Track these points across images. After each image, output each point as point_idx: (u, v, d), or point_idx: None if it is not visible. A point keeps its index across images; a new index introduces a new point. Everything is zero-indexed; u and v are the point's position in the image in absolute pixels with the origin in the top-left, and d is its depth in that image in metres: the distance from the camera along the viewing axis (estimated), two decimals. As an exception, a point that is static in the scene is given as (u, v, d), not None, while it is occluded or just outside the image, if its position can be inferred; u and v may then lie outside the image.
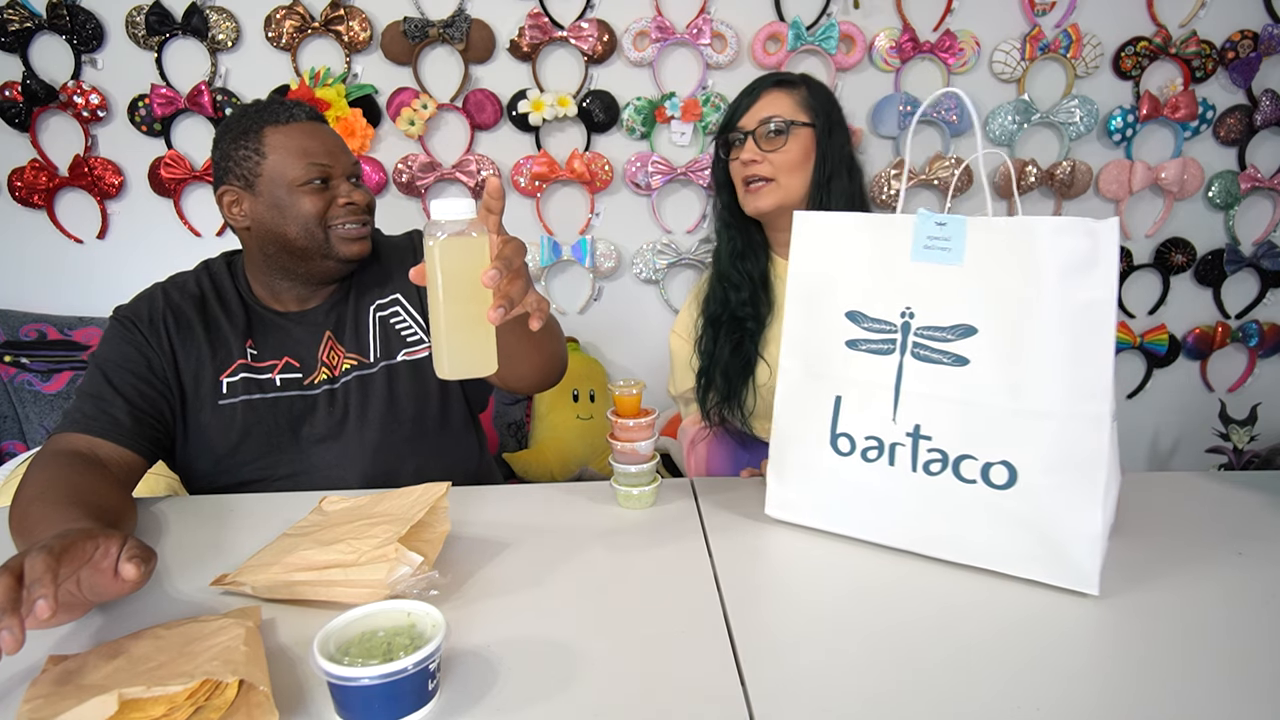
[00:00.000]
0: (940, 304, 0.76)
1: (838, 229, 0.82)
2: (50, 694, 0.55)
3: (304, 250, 1.06)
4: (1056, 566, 0.72)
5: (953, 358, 0.75)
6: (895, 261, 0.78)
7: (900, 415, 0.78)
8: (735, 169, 1.14)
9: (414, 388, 1.12)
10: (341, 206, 1.05)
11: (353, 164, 1.08)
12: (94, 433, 0.95)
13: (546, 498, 0.99)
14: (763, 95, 1.12)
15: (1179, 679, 0.60)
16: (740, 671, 0.62)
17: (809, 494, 0.85)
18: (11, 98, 1.90)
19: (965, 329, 0.75)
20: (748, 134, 1.11)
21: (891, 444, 0.79)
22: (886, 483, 0.80)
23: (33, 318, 1.92)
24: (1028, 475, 0.72)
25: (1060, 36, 2.00)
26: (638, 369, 2.20)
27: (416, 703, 0.56)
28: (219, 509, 0.96)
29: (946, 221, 0.75)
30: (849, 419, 0.81)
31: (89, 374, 1.01)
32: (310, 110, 1.07)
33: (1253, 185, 2.13)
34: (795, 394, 0.86)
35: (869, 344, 0.80)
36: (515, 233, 0.76)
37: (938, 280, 0.76)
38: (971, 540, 0.76)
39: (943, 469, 0.77)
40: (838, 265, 0.82)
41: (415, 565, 0.71)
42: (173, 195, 2.00)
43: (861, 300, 0.80)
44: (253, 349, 1.08)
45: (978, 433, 0.74)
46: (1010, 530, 0.74)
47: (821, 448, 0.83)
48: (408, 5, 1.94)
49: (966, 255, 0.74)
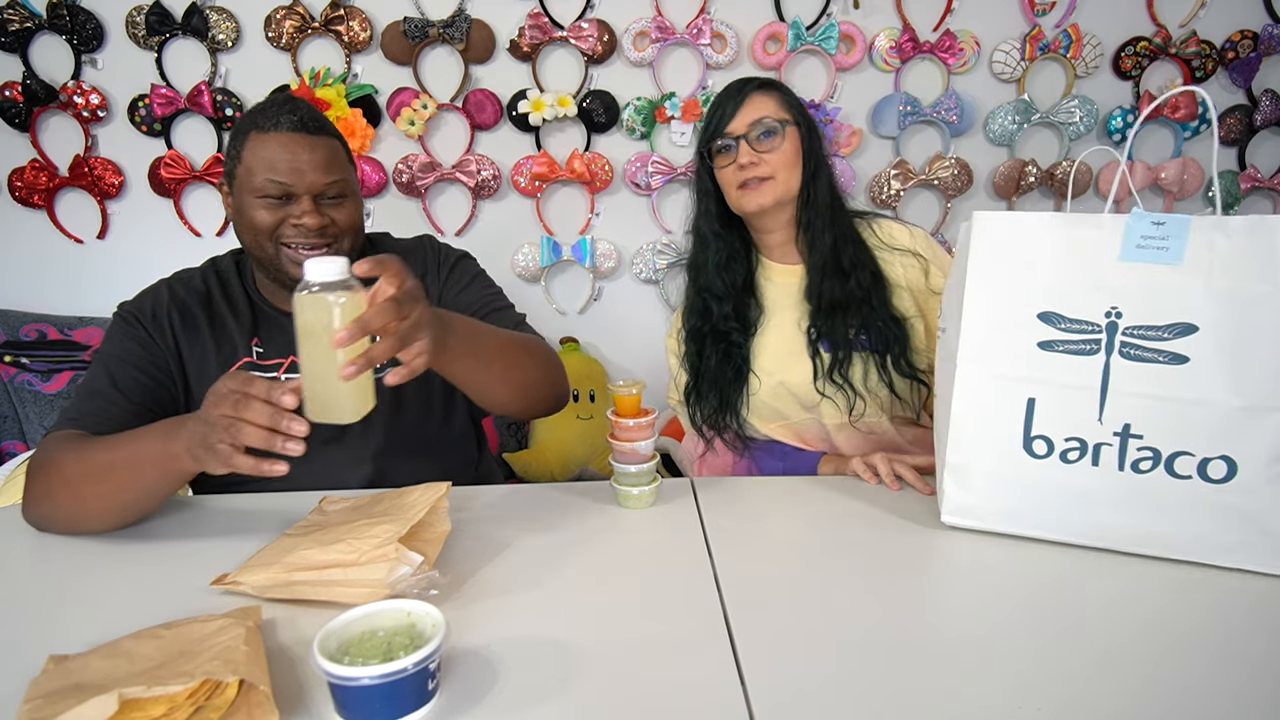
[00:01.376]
0: (1154, 303, 0.76)
1: (1024, 229, 0.81)
2: (50, 694, 0.55)
3: (258, 260, 1.05)
4: (1270, 554, 0.74)
5: (1169, 356, 0.76)
6: (1098, 261, 0.78)
7: (1107, 415, 0.78)
8: (729, 174, 1.14)
9: (417, 392, 1.11)
10: (292, 227, 1.01)
11: (325, 183, 1.01)
12: (90, 429, 0.94)
13: (546, 498, 0.99)
14: (748, 99, 1.13)
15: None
16: (740, 671, 0.62)
17: (996, 498, 0.84)
18: (11, 98, 1.90)
19: (1184, 327, 0.75)
20: (739, 138, 1.12)
21: (1096, 444, 0.79)
22: (1089, 483, 0.80)
23: (33, 318, 1.92)
24: (1249, 468, 0.74)
25: (1060, 36, 2.00)
26: (638, 369, 2.20)
27: (416, 702, 0.56)
28: (219, 509, 0.96)
29: (1165, 221, 0.75)
30: (1046, 421, 0.81)
31: (91, 370, 1.01)
32: (298, 120, 1.01)
33: (1253, 185, 2.13)
34: (978, 398, 0.84)
35: (1067, 345, 0.79)
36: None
37: (1150, 279, 0.76)
38: (1179, 535, 0.77)
39: (1154, 466, 0.77)
40: (1025, 266, 0.81)
41: (415, 565, 0.71)
42: (173, 195, 2.00)
43: (1056, 301, 0.80)
44: (258, 347, 1.08)
45: (1196, 430, 0.75)
46: (1224, 522, 0.75)
47: (1012, 451, 0.82)
48: (408, 5, 1.94)
49: (1187, 254, 0.75)
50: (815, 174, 1.14)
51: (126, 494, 0.85)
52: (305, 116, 1.02)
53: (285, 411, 0.71)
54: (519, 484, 1.58)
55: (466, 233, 2.07)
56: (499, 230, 2.07)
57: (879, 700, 0.58)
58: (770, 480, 1.06)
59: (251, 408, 0.71)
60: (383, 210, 2.06)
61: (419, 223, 2.05)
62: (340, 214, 1.04)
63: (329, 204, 1.03)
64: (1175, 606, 0.72)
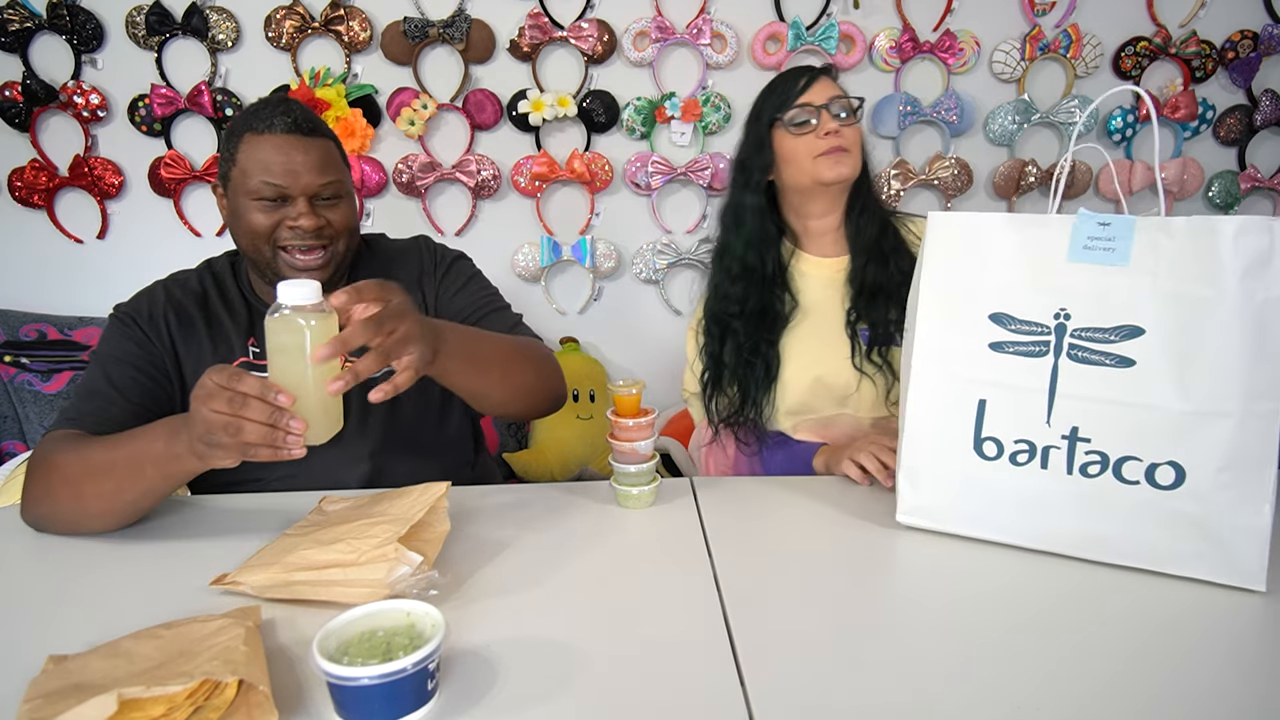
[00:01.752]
0: (1101, 305, 0.75)
1: (978, 229, 0.81)
2: (50, 694, 0.55)
3: (254, 263, 1.06)
4: (1222, 564, 0.73)
5: (1116, 359, 0.75)
6: (1048, 262, 0.77)
7: (1055, 418, 0.77)
8: (806, 143, 1.12)
9: (415, 393, 1.11)
10: (288, 229, 1.01)
11: (321, 184, 1.01)
12: (89, 429, 0.94)
13: (546, 498, 0.99)
14: (820, 79, 1.15)
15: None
16: (740, 671, 0.62)
17: (947, 499, 0.84)
18: (11, 98, 1.90)
19: (1131, 330, 0.74)
20: (820, 107, 1.12)
21: (1045, 447, 0.78)
22: (1037, 486, 0.79)
23: (33, 318, 1.92)
24: (1197, 475, 0.72)
25: (1060, 36, 2.00)
26: (638, 369, 2.20)
27: (416, 702, 0.56)
28: (219, 509, 0.96)
29: (1111, 222, 0.74)
30: (996, 423, 0.80)
31: (89, 371, 1.01)
32: (292, 121, 1.00)
33: (1253, 185, 2.13)
34: (931, 398, 0.84)
35: (1017, 346, 0.79)
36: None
37: (1098, 281, 0.75)
38: (1129, 541, 0.76)
39: (1102, 471, 0.76)
40: (978, 266, 0.80)
41: (415, 565, 0.71)
42: (173, 195, 2.00)
43: (1007, 302, 0.79)
44: (254, 347, 1.08)
45: (1144, 434, 0.74)
46: (1174, 530, 0.74)
47: (964, 452, 0.82)
48: (408, 5, 1.94)
49: (1133, 255, 0.74)
50: (866, 164, 1.18)
51: (127, 494, 0.84)
52: (299, 118, 1.01)
53: (283, 410, 0.71)
54: (519, 484, 1.58)
55: (466, 233, 2.07)
56: (499, 230, 2.08)
57: (879, 700, 0.58)
58: (770, 480, 1.06)
59: (249, 406, 0.71)
60: (383, 210, 2.06)
61: (419, 223, 2.05)
62: (336, 215, 1.04)
63: (324, 205, 1.03)
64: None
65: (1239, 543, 0.72)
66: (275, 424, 0.71)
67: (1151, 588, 0.74)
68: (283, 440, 0.72)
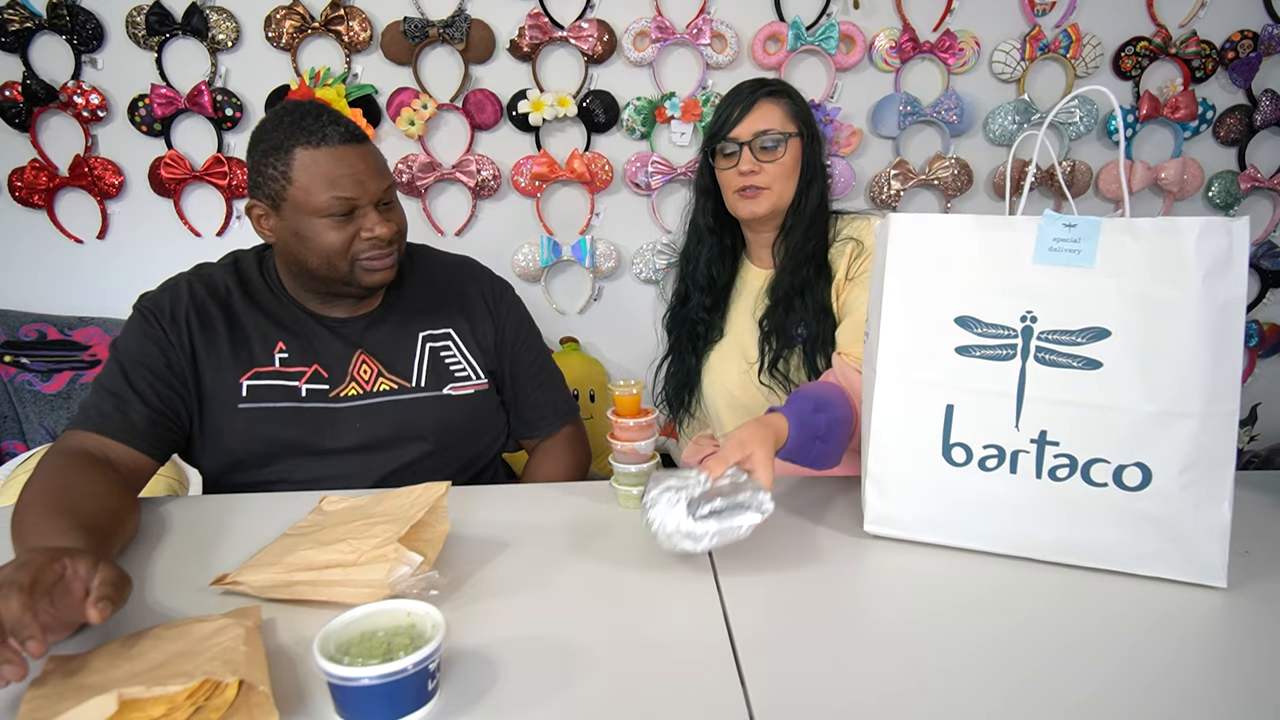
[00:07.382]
0: (1068, 307, 0.75)
1: (940, 232, 0.79)
2: (50, 694, 0.55)
3: (325, 278, 1.04)
4: (1186, 563, 0.73)
5: (1084, 361, 0.74)
6: (1014, 264, 0.76)
7: (1024, 422, 0.77)
8: (729, 177, 1.17)
9: (466, 420, 1.13)
10: (365, 240, 1.00)
11: (384, 188, 1.02)
12: (106, 433, 0.94)
13: (546, 498, 0.99)
14: (756, 106, 1.14)
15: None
16: (740, 671, 0.62)
17: (916, 507, 0.82)
18: (11, 98, 1.90)
19: (1097, 331, 0.74)
20: (743, 144, 1.13)
21: (1014, 452, 0.78)
22: (1006, 491, 0.78)
23: (33, 318, 1.92)
24: (1163, 475, 0.73)
25: (1060, 36, 2.00)
26: (638, 369, 2.20)
27: (416, 703, 0.56)
28: (219, 509, 0.96)
29: (1076, 223, 0.74)
30: (964, 428, 0.79)
31: (108, 366, 1.00)
32: (345, 131, 0.99)
33: (1253, 185, 2.13)
34: (896, 405, 0.82)
35: (984, 350, 0.78)
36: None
37: (1064, 283, 0.74)
38: (1097, 543, 0.76)
39: (1070, 474, 0.76)
40: (942, 269, 0.79)
41: (415, 565, 0.71)
42: (173, 195, 2.00)
43: (973, 305, 0.78)
44: (282, 352, 1.06)
45: (1111, 436, 0.74)
46: (1140, 530, 0.74)
47: (932, 459, 0.81)
48: (408, 5, 1.94)
49: (1098, 257, 0.73)
50: (810, 183, 1.18)
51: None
52: (349, 125, 1.00)
53: (13, 648, 0.58)
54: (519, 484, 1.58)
55: (466, 233, 2.07)
56: (499, 230, 2.07)
57: (879, 700, 0.58)
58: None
59: (8, 607, 0.58)
60: (383, 210, 2.06)
61: (419, 223, 2.05)
62: (397, 216, 1.05)
63: (385, 209, 1.03)
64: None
65: (1201, 541, 0.72)
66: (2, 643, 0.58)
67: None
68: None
